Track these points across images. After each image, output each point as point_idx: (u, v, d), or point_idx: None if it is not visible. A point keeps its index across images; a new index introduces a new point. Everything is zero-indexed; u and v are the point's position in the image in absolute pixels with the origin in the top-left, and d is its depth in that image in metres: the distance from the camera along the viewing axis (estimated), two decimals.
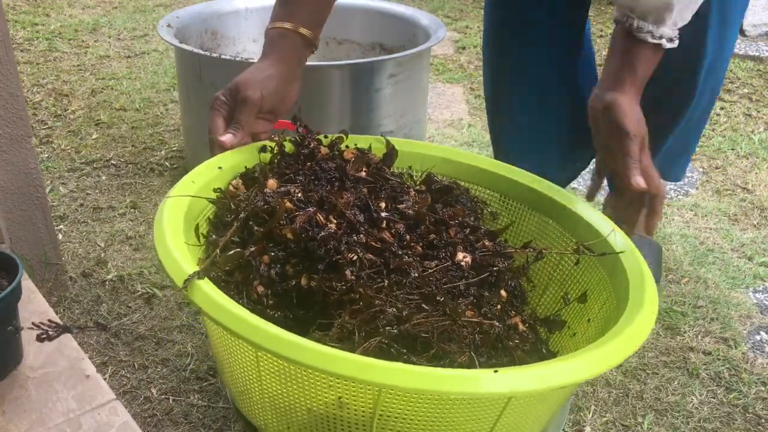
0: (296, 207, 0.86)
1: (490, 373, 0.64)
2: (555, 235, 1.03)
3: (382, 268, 0.81)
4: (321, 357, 0.63)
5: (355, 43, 2.09)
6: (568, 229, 1.01)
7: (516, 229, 1.08)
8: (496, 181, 1.08)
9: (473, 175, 1.10)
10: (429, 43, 1.71)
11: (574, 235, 0.99)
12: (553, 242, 1.03)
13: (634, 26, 0.90)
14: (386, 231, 0.87)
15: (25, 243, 1.26)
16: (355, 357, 0.64)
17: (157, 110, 2.25)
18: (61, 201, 1.70)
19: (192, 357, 1.22)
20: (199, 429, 1.09)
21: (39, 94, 2.33)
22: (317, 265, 0.81)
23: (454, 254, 0.88)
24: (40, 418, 0.88)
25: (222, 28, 1.96)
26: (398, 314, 0.74)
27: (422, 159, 1.11)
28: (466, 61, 2.83)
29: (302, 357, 0.64)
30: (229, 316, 0.68)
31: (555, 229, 1.03)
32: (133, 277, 1.43)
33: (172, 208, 0.84)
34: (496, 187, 1.09)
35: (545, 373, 0.67)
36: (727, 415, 1.15)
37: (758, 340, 1.32)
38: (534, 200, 1.05)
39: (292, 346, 0.64)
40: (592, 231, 0.95)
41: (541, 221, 1.05)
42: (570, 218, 1.00)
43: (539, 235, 1.05)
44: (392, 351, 0.72)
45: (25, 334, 0.99)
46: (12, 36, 2.84)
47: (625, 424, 1.13)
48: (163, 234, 0.79)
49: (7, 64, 1.11)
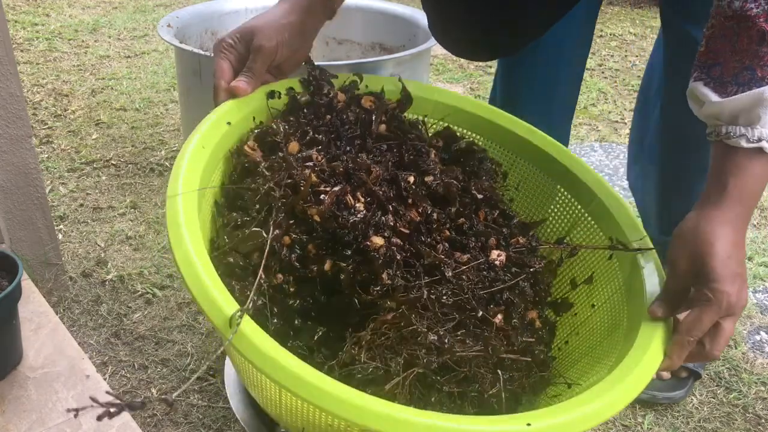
0: (320, 180, 0.78)
1: (523, 426, 0.61)
2: (563, 201, 0.99)
3: (417, 266, 0.75)
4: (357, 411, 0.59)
5: (355, 43, 2.09)
6: (576, 197, 0.97)
7: (523, 192, 1.04)
8: (513, 140, 1.02)
9: (488, 130, 1.04)
10: (429, 43, 1.71)
11: (581, 204, 0.96)
12: (560, 210, 1.00)
13: (723, 132, 0.73)
14: (414, 209, 0.80)
15: (25, 243, 1.26)
16: (392, 412, 0.59)
17: (157, 110, 2.25)
18: (61, 201, 1.70)
19: (192, 357, 1.22)
20: (199, 429, 1.09)
21: (39, 94, 2.33)
22: (343, 249, 0.75)
23: (486, 247, 0.82)
24: (40, 418, 0.88)
25: (222, 28, 1.96)
26: (439, 344, 0.69)
27: (434, 107, 1.04)
28: (466, 61, 2.83)
29: (342, 412, 0.59)
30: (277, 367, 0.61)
31: (564, 196, 0.99)
32: (133, 277, 1.43)
33: (187, 204, 0.71)
34: (510, 147, 1.03)
35: (576, 417, 0.64)
36: (727, 415, 1.15)
37: (758, 340, 1.32)
38: (546, 164, 0.99)
39: (331, 399, 0.59)
40: (600, 204, 0.92)
41: (550, 186, 1.00)
42: (580, 188, 0.96)
43: (546, 200, 1.01)
44: (427, 379, 0.69)
45: (25, 334, 1.00)
46: (12, 36, 2.84)
47: (625, 424, 1.13)
48: (189, 256, 0.65)
49: (7, 64, 1.11)
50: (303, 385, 0.60)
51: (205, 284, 0.63)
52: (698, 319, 0.69)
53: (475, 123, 1.04)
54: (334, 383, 0.60)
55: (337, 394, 0.59)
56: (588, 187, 0.95)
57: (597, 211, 0.94)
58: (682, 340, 0.70)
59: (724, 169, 0.72)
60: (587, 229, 0.96)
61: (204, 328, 1.30)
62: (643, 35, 3.22)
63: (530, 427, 0.61)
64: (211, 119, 0.83)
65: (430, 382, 0.69)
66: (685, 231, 0.72)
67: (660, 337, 0.73)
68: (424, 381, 0.69)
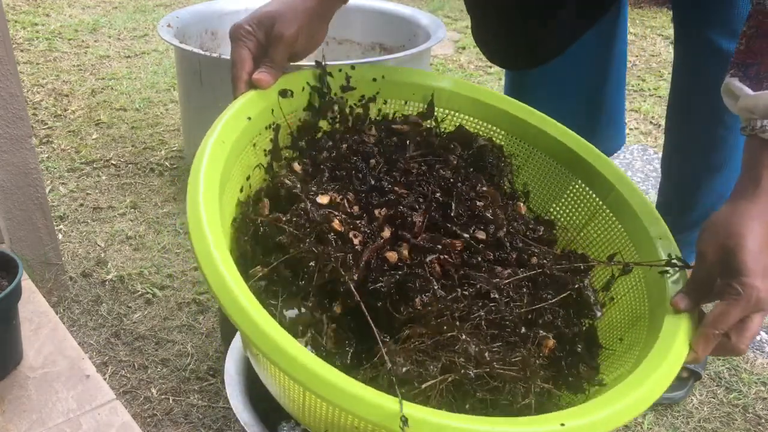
0: (355, 233, 0.75)
1: (557, 426, 0.60)
2: (579, 193, 0.97)
3: (458, 290, 0.73)
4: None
5: (355, 43, 2.09)
6: (593, 188, 0.95)
7: (540, 184, 1.02)
8: (525, 128, 1.00)
9: (501, 121, 1.02)
10: (429, 43, 1.71)
11: (599, 196, 0.94)
12: (576, 200, 0.97)
13: (758, 126, 0.72)
14: (458, 240, 0.78)
15: (25, 243, 1.26)
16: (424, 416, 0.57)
17: (157, 110, 2.25)
18: (61, 201, 1.70)
19: (192, 357, 1.22)
20: (199, 429, 1.09)
21: (39, 94, 2.33)
22: (377, 302, 0.73)
23: (527, 262, 0.80)
24: (40, 418, 0.88)
25: (222, 28, 1.96)
26: (479, 356, 0.67)
27: (448, 96, 1.02)
28: (466, 61, 2.83)
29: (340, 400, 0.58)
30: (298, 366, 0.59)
31: (581, 187, 0.97)
32: (133, 277, 1.43)
33: (210, 214, 0.68)
34: (526, 138, 1.01)
35: (609, 415, 0.64)
36: (727, 415, 1.15)
37: (758, 340, 1.32)
38: (562, 155, 0.98)
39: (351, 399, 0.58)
40: (618, 196, 0.90)
41: (567, 177, 0.98)
42: (598, 179, 0.94)
43: (562, 192, 0.98)
44: (464, 386, 0.67)
45: (25, 334, 1.00)
46: (12, 36, 2.84)
47: (625, 423, 1.13)
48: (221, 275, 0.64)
49: (7, 64, 1.11)
50: (327, 387, 0.58)
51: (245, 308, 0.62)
52: (726, 312, 0.67)
53: (488, 114, 1.02)
54: (361, 386, 0.59)
55: (368, 397, 0.58)
56: (606, 179, 0.93)
57: (615, 203, 0.92)
58: (708, 333, 0.69)
59: (758, 163, 0.71)
60: (605, 221, 0.94)
61: (204, 328, 1.30)
62: (643, 35, 3.22)
63: (564, 428, 0.60)
64: (231, 112, 0.80)
65: (465, 390, 0.67)
66: (716, 222, 0.71)
67: (685, 330, 0.72)
68: (459, 387, 0.67)
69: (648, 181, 1.91)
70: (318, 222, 0.75)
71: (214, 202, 0.70)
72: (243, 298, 0.63)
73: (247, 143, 0.83)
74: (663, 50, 3.01)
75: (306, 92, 0.92)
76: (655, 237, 0.85)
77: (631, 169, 1.98)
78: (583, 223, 0.97)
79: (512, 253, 0.81)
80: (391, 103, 1.00)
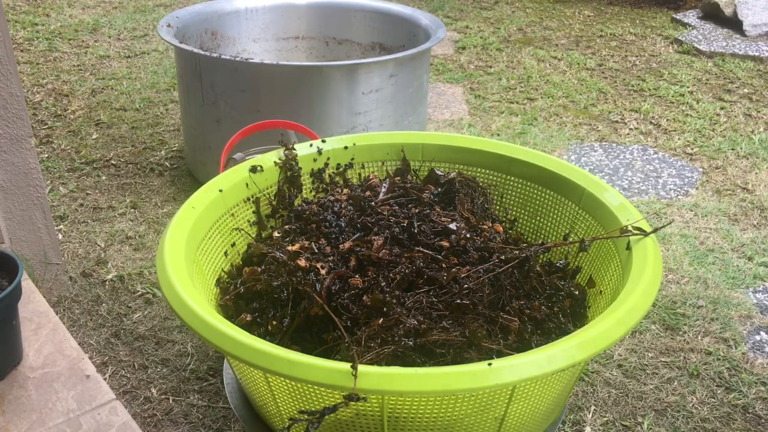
0: (322, 265, 0.90)
1: (484, 366, 0.67)
2: (556, 204, 1.06)
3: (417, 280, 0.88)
4: (313, 370, 0.67)
5: (355, 43, 2.09)
6: (567, 197, 1.04)
7: (522, 207, 1.12)
8: (497, 161, 1.11)
9: (474, 158, 1.13)
10: (429, 43, 1.71)
11: (573, 201, 1.03)
12: (557, 213, 1.06)
13: None
14: (419, 253, 0.91)
15: (25, 243, 1.26)
16: (345, 366, 0.67)
17: (157, 110, 2.25)
18: (61, 201, 1.70)
19: (192, 357, 1.22)
20: (199, 429, 1.09)
21: (39, 94, 2.33)
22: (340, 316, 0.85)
23: (489, 260, 0.92)
24: (40, 418, 0.88)
25: (222, 28, 1.96)
26: (416, 330, 0.79)
27: (423, 149, 1.14)
28: (466, 61, 2.83)
29: (301, 374, 0.67)
30: (236, 343, 0.71)
31: (556, 198, 1.06)
32: (133, 277, 1.43)
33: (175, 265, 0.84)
34: (498, 167, 1.12)
35: (540, 359, 0.69)
36: (727, 415, 1.15)
37: (758, 340, 1.32)
38: (534, 174, 1.08)
39: (287, 363, 0.68)
40: (589, 197, 0.99)
41: (544, 194, 1.08)
42: (569, 187, 1.04)
43: (541, 207, 1.09)
44: (408, 359, 0.77)
45: (25, 334, 0.99)
46: (12, 36, 2.85)
47: (625, 424, 1.13)
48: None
49: (7, 64, 1.11)
50: (287, 363, 0.68)
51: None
52: None
53: (461, 156, 1.14)
54: (318, 358, 0.69)
55: (323, 364, 0.68)
56: (575, 184, 1.02)
57: (588, 204, 1.00)
58: None
59: None
60: (585, 223, 1.02)
61: None
62: (643, 35, 3.22)
63: (491, 367, 0.67)
64: (204, 186, 0.97)
65: (409, 357, 0.79)
66: None
67: (652, 241, 0.86)
68: (403, 359, 0.78)
69: (648, 181, 1.91)
70: (285, 262, 0.91)
71: (179, 244, 0.87)
72: (192, 302, 0.76)
73: (223, 212, 0.98)
74: (663, 50, 3.01)
75: (276, 168, 1.06)
76: (614, 207, 0.96)
77: (631, 169, 1.98)
78: (567, 230, 1.05)
79: (474, 254, 0.94)
80: (369, 166, 1.10)
